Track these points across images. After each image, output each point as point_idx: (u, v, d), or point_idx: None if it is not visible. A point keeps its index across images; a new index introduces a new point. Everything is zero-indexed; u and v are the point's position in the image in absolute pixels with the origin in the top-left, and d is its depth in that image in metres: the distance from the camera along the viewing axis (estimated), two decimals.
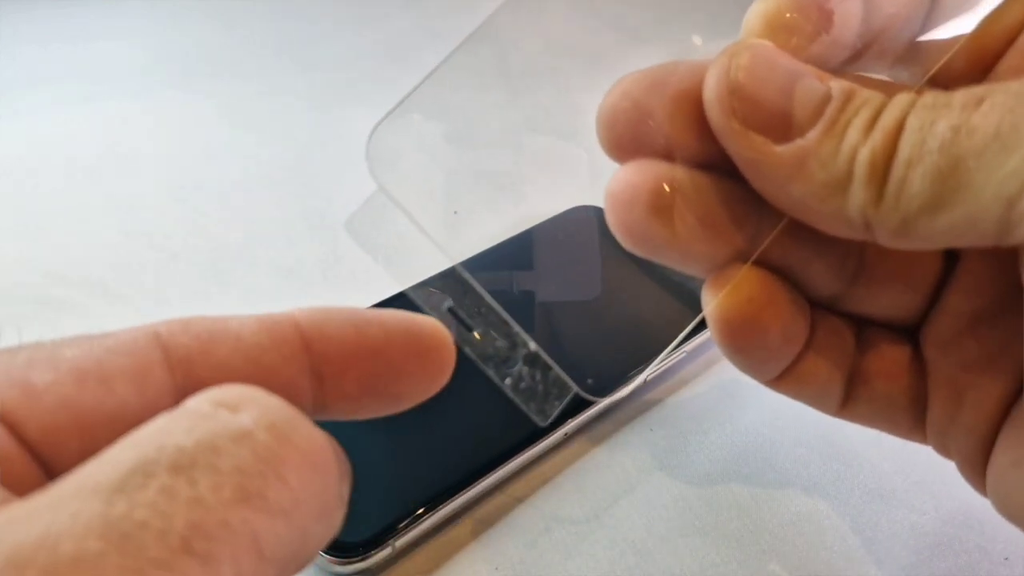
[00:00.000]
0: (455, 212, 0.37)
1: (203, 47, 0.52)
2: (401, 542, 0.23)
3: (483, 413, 0.26)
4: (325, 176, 0.40)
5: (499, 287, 0.20)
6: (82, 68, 0.48)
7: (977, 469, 0.19)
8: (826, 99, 0.15)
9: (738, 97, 0.15)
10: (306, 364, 0.14)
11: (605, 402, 0.27)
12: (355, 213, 0.20)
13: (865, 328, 0.20)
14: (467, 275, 0.19)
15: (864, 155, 0.15)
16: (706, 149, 0.17)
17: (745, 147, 0.16)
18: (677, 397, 0.28)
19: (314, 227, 0.36)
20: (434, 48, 0.53)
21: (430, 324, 0.15)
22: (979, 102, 0.14)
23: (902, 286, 0.19)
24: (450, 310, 0.22)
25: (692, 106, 0.17)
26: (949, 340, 0.19)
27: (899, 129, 0.14)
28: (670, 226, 0.17)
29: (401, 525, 0.23)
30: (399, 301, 0.28)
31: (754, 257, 0.17)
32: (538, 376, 0.19)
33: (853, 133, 0.15)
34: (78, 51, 0.50)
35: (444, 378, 0.15)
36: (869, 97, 0.15)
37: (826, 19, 0.17)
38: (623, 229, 0.17)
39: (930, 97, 0.15)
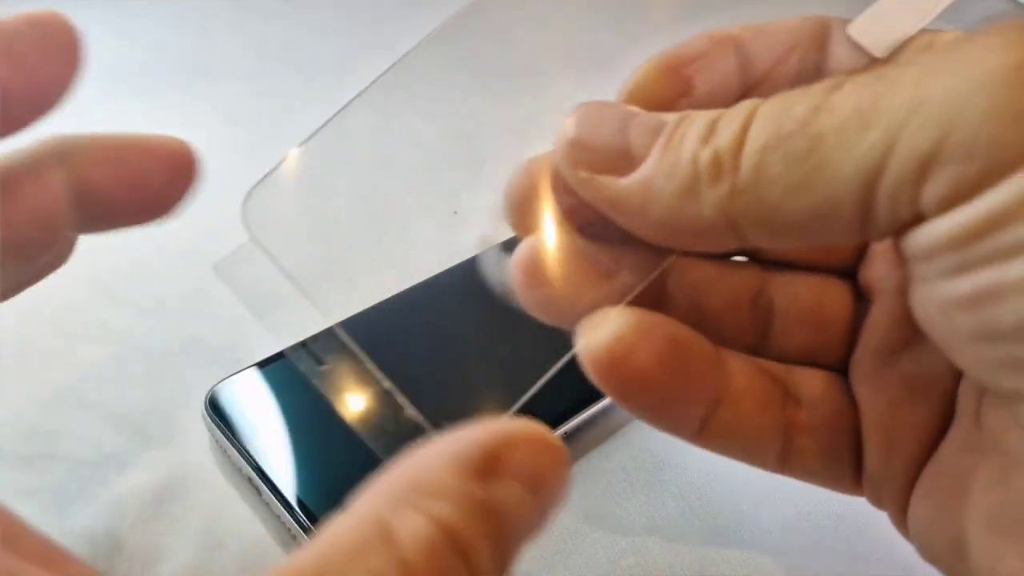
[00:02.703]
0: (455, 212, 0.38)
1: (203, 48, 0.52)
2: None
3: None
4: None
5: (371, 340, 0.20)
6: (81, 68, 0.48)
7: (904, 517, 0.18)
8: (661, 126, 0.16)
9: (576, 147, 0.16)
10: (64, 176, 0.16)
11: (600, 405, 0.26)
12: (226, 257, 0.21)
13: (802, 377, 0.19)
14: (343, 334, 0.19)
15: (706, 155, 0.15)
16: (593, 212, 0.17)
17: (596, 191, 0.16)
18: None
19: (314, 226, 0.36)
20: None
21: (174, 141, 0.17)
22: (840, 85, 0.14)
23: (813, 330, 0.19)
24: (303, 344, 0.22)
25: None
26: (874, 379, 0.19)
27: (746, 125, 0.14)
28: (562, 289, 0.17)
29: None
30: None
31: (628, 298, 0.17)
32: (390, 414, 0.18)
33: (689, 143, 0.15)
34: None
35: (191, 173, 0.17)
36: (703, 112, 0.15)
37: (684, 84, 0.18)
38: (525, 302, 0.18)
39: (784, 93, 0.15)
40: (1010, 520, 0.15)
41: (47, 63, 0.17)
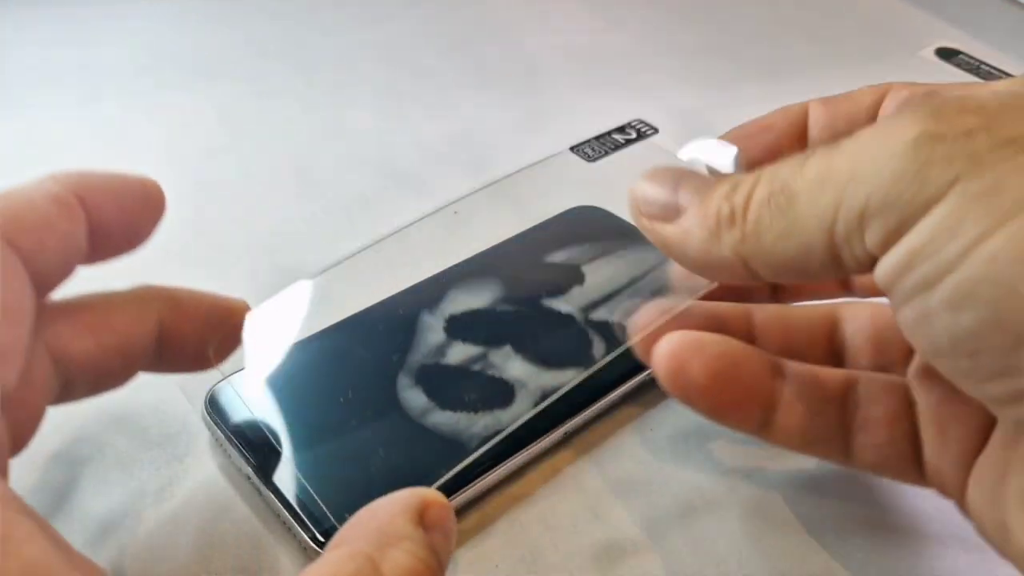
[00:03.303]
0: (455, 212, 0.38)
1: (203, 48, 0.52)
2: None
3: None
4: (325, 176, 0.40)
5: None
6: (82, 68, 0.48)
7: (965, 503, 0.20)
8: (700, 188, 0.20)
9: (642, 201, 0.21)
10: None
11: (602, 403, 0.27)
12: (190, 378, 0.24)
13: (865, 382, 0.23)
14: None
15: (725, 209, 0.19)
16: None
17: (653, 233, 0.21)
18: None
19: (314, 227, 0.36)
20: (435, 49, 0.53)
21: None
22: (813, 153, 0.18)
23: (876, 351, 0.24)
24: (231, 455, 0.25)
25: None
26: (925, 381, 0.21)
27: (754, 186, 0.18)
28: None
29: None
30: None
31: (670, 315, 0.23)
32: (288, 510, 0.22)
33: (715, 200, 0.19)
34: (78, 51, 0.50)
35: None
36: (730, 176, 0.20)
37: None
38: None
39: (782, 160, 0.18)
40: None
41: (140, 218, 0.21)
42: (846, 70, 0.54)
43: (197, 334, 0.22)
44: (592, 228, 0.34)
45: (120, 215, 0.20)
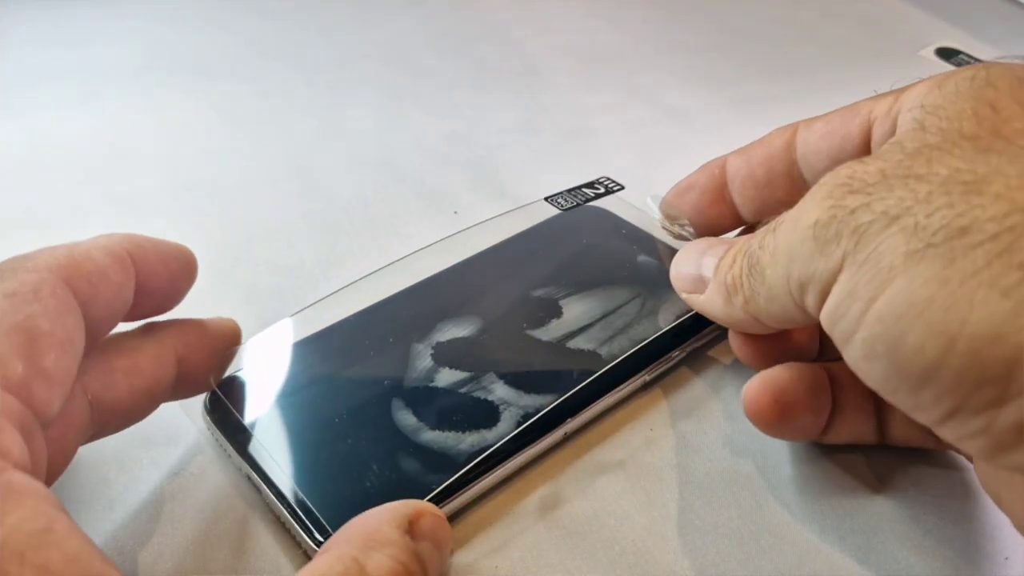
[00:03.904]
0: (455, 212, 0.38)
1: (203, 47, 0.52)
2: None
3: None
4: (325, 176, 0.40)
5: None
6: (82, 68, 0.48)
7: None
8: (717, 257, 0.25)
9: (676, 278, 0.27)
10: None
11: (604, 403, 0.27)
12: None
13: None
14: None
15: (729, 279, 0.23)
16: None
17: (690, 303, 0.26)
18: (677, 397, 0.28)
19: (314, 227, 0.36)
20: (435, 49, 0.53)
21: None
22: (771, 229, 0.21)
23: None
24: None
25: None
26: None
27: (743, 258, 0.23)
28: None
29: None
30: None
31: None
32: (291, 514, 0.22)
33: (723, 272, 0.24)
34: (78, 51, 0.50)
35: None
36: (734, 248, 0.24)
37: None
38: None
39: (757, 232, 0.22)
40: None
41: (179, 280, 0.22)
42: (846, 70, 0.54)
43: (205, 363, 0.24)
44: (592, 227, 0.34)
45: (164, 275, 0.22)
